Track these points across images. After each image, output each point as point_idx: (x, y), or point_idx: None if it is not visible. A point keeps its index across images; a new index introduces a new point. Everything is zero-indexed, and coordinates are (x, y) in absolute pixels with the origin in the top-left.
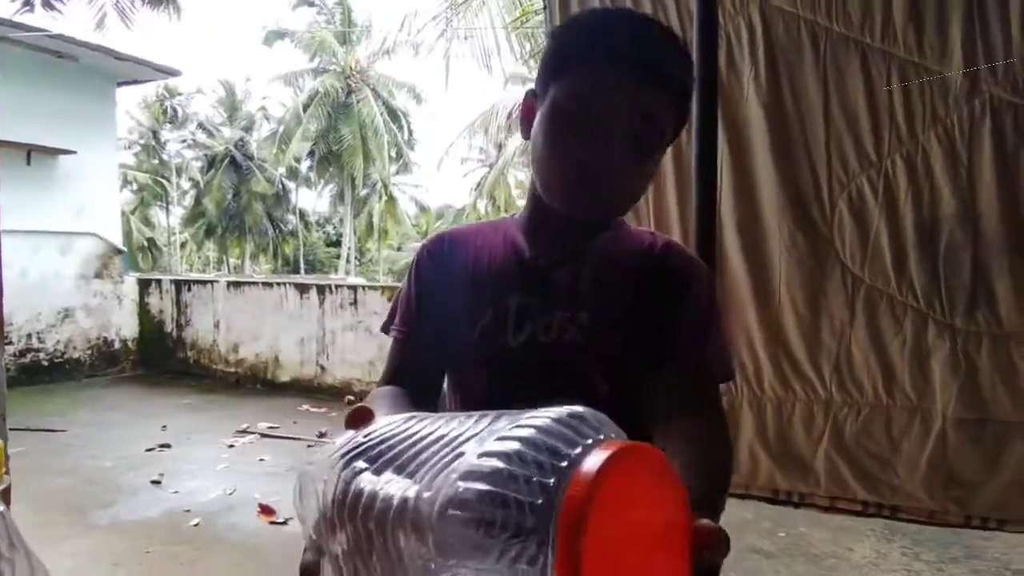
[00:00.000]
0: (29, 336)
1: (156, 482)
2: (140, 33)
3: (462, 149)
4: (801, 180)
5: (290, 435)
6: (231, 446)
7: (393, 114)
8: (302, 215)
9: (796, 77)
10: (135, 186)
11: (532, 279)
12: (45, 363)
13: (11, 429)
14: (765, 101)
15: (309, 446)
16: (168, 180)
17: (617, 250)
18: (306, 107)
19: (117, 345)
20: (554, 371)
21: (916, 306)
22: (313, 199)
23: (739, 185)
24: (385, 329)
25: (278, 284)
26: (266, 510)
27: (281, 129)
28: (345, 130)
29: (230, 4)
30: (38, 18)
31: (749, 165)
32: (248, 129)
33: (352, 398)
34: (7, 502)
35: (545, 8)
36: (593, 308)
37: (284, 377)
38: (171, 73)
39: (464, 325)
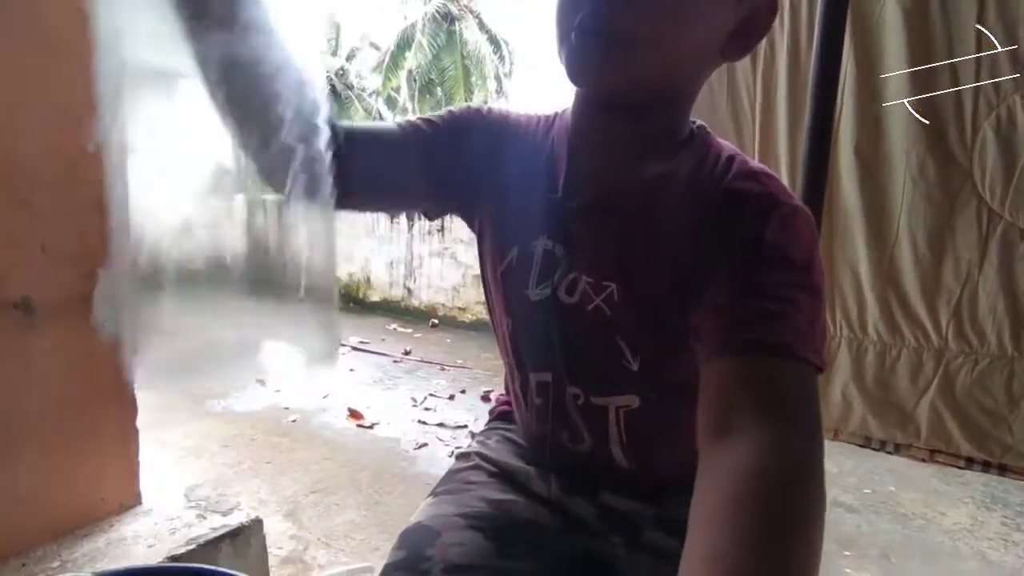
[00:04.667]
0: None
1: (261, 382)
2: None
3: (557, 80)
4: (940, 99)
5: (378, 351)
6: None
7: (495, 42)
8: None
9: None
10: None
11: (560, 221)
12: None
13: None
14: (907, 3)
15: (395, 361)
16: None
17: (672, 184)
18: (411, 36)
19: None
20: (579, 337)
21: None
22: None
23: (864, 101)
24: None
25: None
26: (354, 414)
27: (385, 59)
28: (447, 60)
29: None
30: None
31: (879, 78)
32: (350, 58)
33: (436, 321)
34: None
35: None
36: (625, 276)
37: (374, 297)
38: None
39: (491, 254)
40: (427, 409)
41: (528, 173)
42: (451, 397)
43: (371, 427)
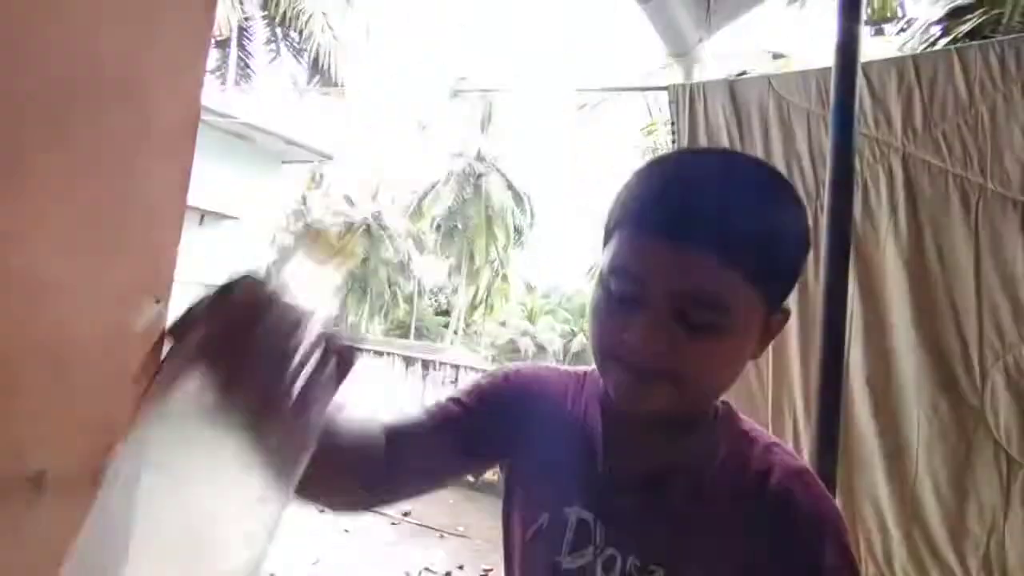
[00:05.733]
0: None
1: None
2: (305, 113)
3: (577, 233)
4: (946, 343)
5: (376, 509)
6: (322, 511)
7: (518, 197)
8: (418, 283)
9: (942, 233)
10: (280, 245)
11: (599, 495)
12: None
13: None
14: (906, 255)
15: (393, 523)
16: None
17: (715, 473)
18: (440, 189)
19: None
20: None
21: None
22: (431, 268)
23: (872, 340)
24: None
25: (387, 353)
26: None
27: (415, 204)
28: (471, 210)
29: (389, 93)
30: (226, 98)
31: (884, 320)
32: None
33: None
34: None
35: (672, 123)
36: (675, 563)
37: None
38: (327, 157)
39: (520, 515)
40: None
41: (561, 438)
42: (448, 575)
43: None
